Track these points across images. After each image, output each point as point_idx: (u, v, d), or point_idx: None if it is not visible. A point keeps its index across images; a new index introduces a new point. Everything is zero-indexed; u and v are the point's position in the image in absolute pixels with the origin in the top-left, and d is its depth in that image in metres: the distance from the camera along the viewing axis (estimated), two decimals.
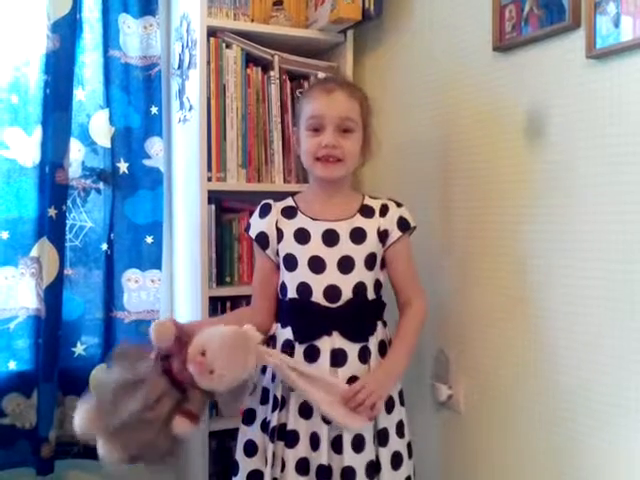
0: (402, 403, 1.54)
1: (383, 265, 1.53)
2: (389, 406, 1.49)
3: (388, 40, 1.97)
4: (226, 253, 1.98)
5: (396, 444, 1.49)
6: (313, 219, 1.51)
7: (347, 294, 1.46)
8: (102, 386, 1.35)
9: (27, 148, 1.96)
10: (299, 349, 1.45)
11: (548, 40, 1.40)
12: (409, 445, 1.53)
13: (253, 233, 1.54)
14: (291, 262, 1.49)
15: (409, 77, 1.87)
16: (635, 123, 1.22)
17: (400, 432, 1.51)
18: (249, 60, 1.96)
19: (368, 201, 1.55)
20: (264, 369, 1.51)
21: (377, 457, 1.45)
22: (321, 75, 1.99)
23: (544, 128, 1.42)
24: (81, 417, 1.30)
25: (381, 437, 1.46)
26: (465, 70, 1.65)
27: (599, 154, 1.29)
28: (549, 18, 1.37)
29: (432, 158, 1.78)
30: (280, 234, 1.51)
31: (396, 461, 1.48)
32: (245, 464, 1.50)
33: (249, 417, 1.53)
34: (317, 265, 1.47)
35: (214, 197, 1.92)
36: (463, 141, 1.66)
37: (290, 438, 1.44)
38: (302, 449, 1.44)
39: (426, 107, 1.80)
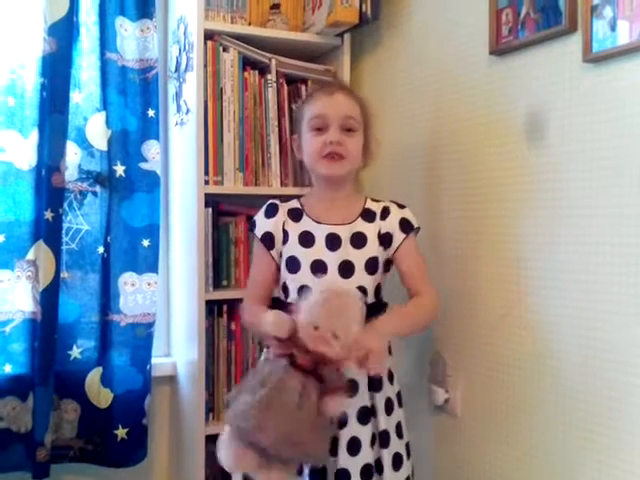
0: (400, 404, 1.55)
1: (386, 269, 1.54)
2: (389, 408, 1.50)
3: (385, 43, 1.97)
4: (223, 256, 1.98)
5: (396, 445, 1.50)
6: (317, 222, 1.52)
7: None
8: (242, 414, 1.22)
9: (23, 151, 1.95)
10: None
11: (545, 44, 1.40)
12: (407, 445, 1.55)
13: (259, 232, 1.55)
14: (294, 264, 1.50)
15: (406, 80, 1.87)
16: (632, 126, 1.22)
17: (399, 433, 1.52)
18: (246, 63, 1.97)
19: (370, 204, 1.56)
20: None
21: (379, 459, 1.46)
22: (316, 77, 2.01)
23: (541, 132, 1.42)
24: (231, 456, 1.24)
25: (383, 439, 1.47)
26: (462, 74, 1.65)
27: (596, 157, 1.29)
28: (546, 22, 1.37)
29: (429, 161, 1.78)
30: (286, 236, 1.52)
31: (397, 462, 1.49)
32: None
33: None
34: (319, 269, 1.47)
35: (211, 200, 1.92)
36: (460, 145, 1.66)
37: None
38: None
39: (423, 111, 1.80)
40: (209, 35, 1.89)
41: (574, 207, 1.34)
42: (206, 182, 1.87)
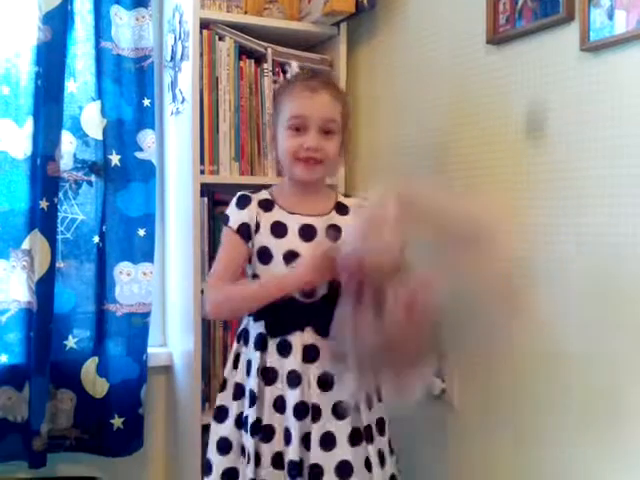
0: (380, 399, 1.51)
1: None
2: (370, 402, 1.48)
3: (382, 33, 1.96)
4: (218, 246, 1.98)
5: (378, 442, 1.48)
6: (290, 212, 1.49)
7: (322, 290, 1.45)
8: None
9: (18, 140, 1.94)
10: (272, 343, 1.45)
11: (542, 33, 1.40)
12: (389, 442, 1.53)
13: (234, 224, 1.49)
14: (265, 255, 1.47)
15: (403, 69, 1.87)
16: (629, 116, 1.22)
17: (381, 429, 1.50)
18: (242, 52, 1.96)
19: (342, 199, 1.56)
20: (235, 364, 1.52)
21: (367, 455, 1.45)
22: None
23: (538, 121, 1.42)
24: None
25: (368, 434, 1.46)
26: (459, 63, 1.64)
27: (594, 147, 1.29)
28: (543, 11, 1.37)
29: (425, 152, 1.78)
30: (257, 226, 1.49)
31: (382, 459, 1.48)
32: (219, 462, 1.48)
33: (220, 414, 1.52)
34: (293, 259, 1.44)
35: (207, 190, 1.92)
36: (456, 134, 1.66)
37: (266, 433, 1.44)
38: (277, 444, 1.43)
39: (419, 100, 1.79)
40: (205, 24, 1.88)
41: (574, 197, 1.34)
42: (202, 172, 1.87)
